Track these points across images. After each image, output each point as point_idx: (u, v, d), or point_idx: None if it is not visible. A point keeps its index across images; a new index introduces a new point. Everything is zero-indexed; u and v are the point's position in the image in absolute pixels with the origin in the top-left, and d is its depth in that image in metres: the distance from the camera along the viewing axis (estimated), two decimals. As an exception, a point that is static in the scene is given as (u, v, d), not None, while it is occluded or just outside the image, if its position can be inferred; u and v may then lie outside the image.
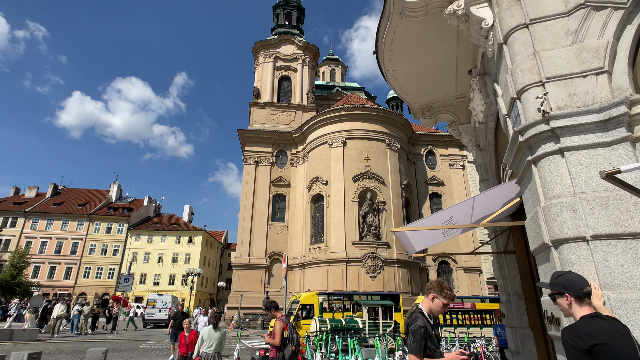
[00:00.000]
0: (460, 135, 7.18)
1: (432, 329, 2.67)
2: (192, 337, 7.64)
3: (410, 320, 2.68)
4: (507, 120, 3.76)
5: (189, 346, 7.43)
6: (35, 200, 48.25)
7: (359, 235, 27.70)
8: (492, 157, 5.99)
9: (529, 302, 5.12)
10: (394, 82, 6.71)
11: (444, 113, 7.20)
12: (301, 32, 43.19)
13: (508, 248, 5.61)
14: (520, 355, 5.02)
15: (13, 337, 13.29)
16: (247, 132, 34.46)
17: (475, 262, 32.39)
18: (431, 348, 2.59)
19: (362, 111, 31.60)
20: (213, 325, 6.38)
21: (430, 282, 2.81)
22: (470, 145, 6.94)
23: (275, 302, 5.45)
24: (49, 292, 40.80)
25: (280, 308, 5.59)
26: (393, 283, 26.34)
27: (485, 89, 4.93)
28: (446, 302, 2.69)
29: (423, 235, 5.00)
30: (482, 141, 6.12)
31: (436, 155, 36.46)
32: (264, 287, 29.61)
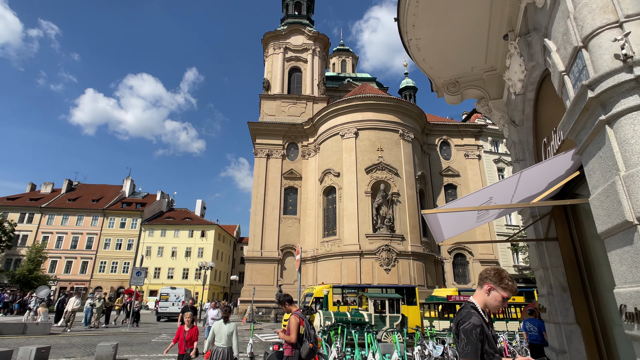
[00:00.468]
0: (490, 113, 6.54)
1: (488, 329, 2.13)
2: (192, 333, 6.88)
3: (462, 318, 2.15)
4: (564, 79, 3.14)
5: (188, 343, 6.69)
6: (50, 196, 49.11)
7: (373, 227, 27.14)
8: (530, 134, 5.35)
9: (576, 295, 4.52)
10: (416, 54, 6.08)
11: (472, 88, 6.55)
12: (311, 22, 42.36)
13: (549, 235, 5.00)
14: (567, 354, 4.44)
15: (26, 330, 13.26)
16: (257, 125, 34.06)
17: (492, 254, 31.55)
18: (489, 352, 2.06)
19: (375, 101, 30.82)
20: (223, 319, 6.10)
21: (485, 270, 2.27)
22: (502, 122, 6.29)
23: (290, 295, 4.97)
24: (66, 286, 41.62)
25: (295, 302, 5.12)
26: (408, 276, 25.75)
27: (529, 51, 4.29)
28: (507, 295, 2.14)
29: (455, 220, 4.44)
30: (517, 116, 5.48)
31: (451, 146, 35.45)
32: (276, 280, 29.39)
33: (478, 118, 39.41)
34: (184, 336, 6.72)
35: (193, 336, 6.74)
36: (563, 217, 4.87)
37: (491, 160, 35.66)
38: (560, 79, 3.21)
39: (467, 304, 2.25)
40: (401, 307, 18.44)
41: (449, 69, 6.43)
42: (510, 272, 31.06)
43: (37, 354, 8.41)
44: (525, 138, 5.44)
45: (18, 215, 44.98)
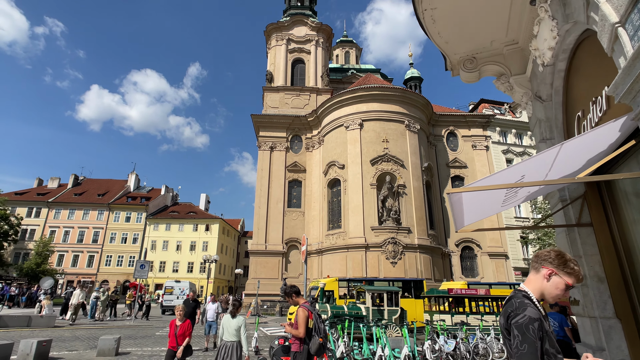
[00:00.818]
0: (511, 90, 6.05)
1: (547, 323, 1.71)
2: (184, 327, 6.33)
3: (513, 310, 1.73)
4: (618, 31, 2.68)
5: (180, 338, 6.18)
6: (57, 191, 49.29)
7: (378, 220, 26.72)
8: (559, 109, 4.87)
9: (615, 286, 4.08)
10: (431, 26, 5.60)
11: (491, 64, 6.07)
12: (314, 13, 41.61)
13: (582, 220, 4.55)
14: (605, 351, 4.01)
15: (31, 323, 13.09)
16: (260, 117, 33.63)
17: (501, 247, 31.01)
18: (550, 352, 1.65)
19: (380, 91, 30.21)
20: (231, 314, 6.11)
21: (543, 251, 1.84)
22: (524, 100, 5.80)
23: (296, 286, 4.58)
24: (73, 279, 41.87)
25: (302, 293, 4.73)
26: (415, 269, 25.36)
27: (564, 11, 3.81)
28: (572, 281, 1.72)
29: (480, 203, 4.00)
30: (544, 91, 5.00)
31: (458, 137, 34.78)
32: (281, 273, 29.17)
33: (486, 108, 38.64)
34: (175, 331, 6.27)
35: (186, 331, 6.27)
36: (598, 201, 4.42)
37: (499, 151, 34.97)
38: (612, 33, 2.75)
39: (517, 293, 1.83)
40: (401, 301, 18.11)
41: (466, 43, 5.94)
42: (519, 266, 30.72)
43: (39, 347, 8.18)
44: (554, 114, 4.96)
45: (26, 209, 45.28)
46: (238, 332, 5.98)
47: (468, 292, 16.32)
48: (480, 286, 20.89)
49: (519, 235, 32.11)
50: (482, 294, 16.36)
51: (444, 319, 14.64)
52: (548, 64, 4.55)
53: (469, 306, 16.05)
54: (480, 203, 4.00)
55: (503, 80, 6.06)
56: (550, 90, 4.89)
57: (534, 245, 30.33)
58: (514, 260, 31.15)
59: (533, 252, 30.87)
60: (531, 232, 30.30)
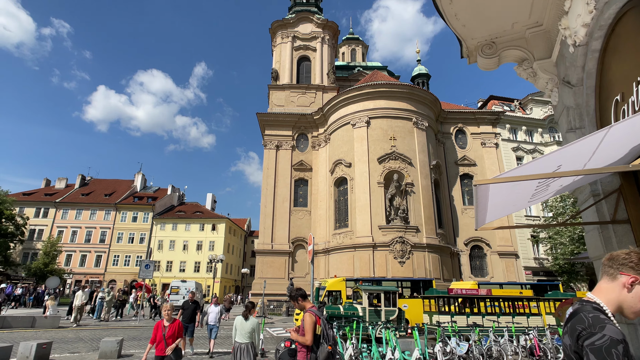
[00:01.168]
0: (534, 76, 5.62)
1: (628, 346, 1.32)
2: (174, 329, 5.55)
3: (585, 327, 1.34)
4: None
5: (170, 341, 5.42)
6: (64, 191, 49.63)
7: (386, 219, 26.27)
8: (591, 94, 4.43)
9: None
10: (447, 8, 5.20)
11: (511, 49, 5.64)
12: (320, 10, 41.20)
13: (618, 217, 4.12)
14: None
15: (35, 324, 12.93)
16: (266, 116, 33.35)
17: (511, 246, 30.36)
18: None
19: (387, 88, 29.72)
20: (244, 316, 6.19)
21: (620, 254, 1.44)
22: (549, 86, 5.37)
23: (303, 289, 4.21)
24: (81, 279, 42.13)
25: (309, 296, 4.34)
26: (423, 268, 24.87)
27: (603, -19, 3.37)
28: None
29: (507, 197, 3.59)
30: (574, 75, 4.56)
31: (467, 134, 34.15)
32: (287, 273, 28.87)
33: (495, 105, 37.92)
34: (163, 333, 5.45)
35: (175, 333, 5.54)
36: (636, 195, 3.99)
37: (509, 148, 34.25)
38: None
39: (585, 305, 1.44)
40: (405, 301, 17.64)
41: (485, 26, 5.52)
42: (530, 265, 30.04)
43: (38, 350, 7.94)
44: (584, 100, 4.53)
45: (34, 210, 45.66)
46: (251, 334, 6.05)
47: (469, 292, 15.80)
48: (491, 286, 20.36)
49: (529, 234, 31.41)
50: (483, 294, 15.82)
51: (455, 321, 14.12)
52: (580, 44, 4.12)
53: (469, 307, 15.49)
54: (506, 197, 3.59)
55: (525, 66, 5.63)
56: (581, 74, 4.45)
57: (545, 244, 29.61)
58: (524, 259, 30.48)
59: (544, 251, 30.13)
60: (542, 230, 29.60)
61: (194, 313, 9.45)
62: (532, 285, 21.22)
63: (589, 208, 4.62)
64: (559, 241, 26.51)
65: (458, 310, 15.26)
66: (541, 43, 5.34)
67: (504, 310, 15.56)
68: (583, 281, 28.02)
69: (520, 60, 5.72)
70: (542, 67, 5.36)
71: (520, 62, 5.71)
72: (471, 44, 5.87)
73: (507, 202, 3.80)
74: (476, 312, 15.23)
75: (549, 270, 29.33)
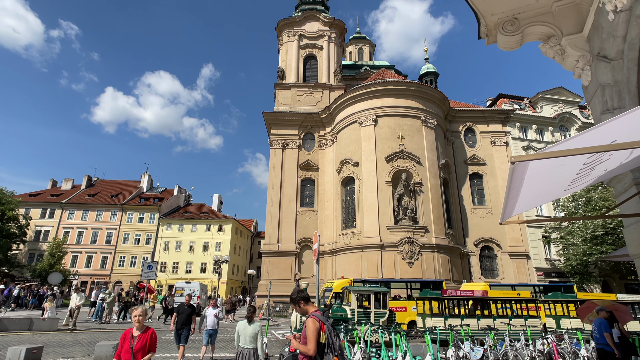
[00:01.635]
0: (561, 54, 5.08)
1: None
2: (144, 340, 4.34)
3: None
4: None
5: (138, 355, 4.23)
6: (71, 192, 49.78)
7: (394, 219, 25.67)
8: (634, 68, 3.90)
9: None
10: (466, -22, 4.72)
11: (536, 25, 5.13)
12: (326, 9, 40.82)
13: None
14: None
15: (32, 326, 12.62)
16: (272, 115, 33.00)
17: (522, 246, 29.53)
18: None
19: (395, 86, 29.18)
20: (247, 319, 5.98)
21: None
22: (580, 64, 4.83)
23: (305, 292, 3.71)
24: (87, 280, 42.09)
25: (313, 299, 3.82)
26: (432, 270, 24.23)
27: None
28: None
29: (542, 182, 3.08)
30: (613, 47, 4.03)
31: (476, 133, 33.40)
32: (294, 274, 28.41)
33: (505, 103, 37.05)
34: (130, 345, 4.26)
35: (146, 345, 4.35)
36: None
37: (520, 147, 33.40)
38: None
39: None
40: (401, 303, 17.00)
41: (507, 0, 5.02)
42: (541, 266, 29.15)
43: (27, 355, 7.55)
44: (625, 76, 3.99)
45: (40, 211, 45.77)
46: (255, 339, 5.86)
47: (464, 293, 15.11)
48: (503, 288, 19.65)
49: (540, 234, 30.53)
50: (479, 295, 15.10)
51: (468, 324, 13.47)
52: (623, 9, 3.59)
53: (465, 309, 14.75)
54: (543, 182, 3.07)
55: (552, 43, 5.09)
56: (621, 45, 3.92)
57: (557, 244, 28.73)
58: (535, 260, 29.61)
59: (556, 252, 29.21)
60: (554, 230, 28.72)
61: (189, 318, 8.62)
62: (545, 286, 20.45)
63: (630, 199, 4.07)
64: (571, 241, 25.66)
65: (450, 312, 14.56)
66: (570, 17, 4.82)
67: (501, 313, 14.90)
68: (596, 282, 27.10)
69: (546, 38, 5.20)
70: (572, 42, 4.82)
71: (546, 39, 5.18)
72: (491, 21, 5.36)
73: (543, 188, 3.29)
74: (470, 315, 14.53)
75: (561, 272, 28.43)
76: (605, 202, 24.22)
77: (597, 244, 23.80)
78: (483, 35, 5.75)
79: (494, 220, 30.03)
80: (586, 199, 25.56)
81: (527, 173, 2.56)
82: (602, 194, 24.83)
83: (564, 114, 35.64)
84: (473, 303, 15.18)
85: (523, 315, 14.87)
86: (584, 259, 24.25)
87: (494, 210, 30.30)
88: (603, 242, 23.79)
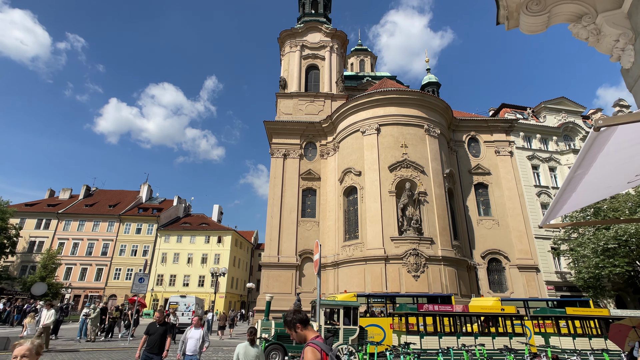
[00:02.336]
0: (596, 35, 4.44)
1: None
2: None
3: None
4: None
5: None
6: (68, 202, 49.02)
7: (398, 230, 24.86)
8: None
9: None
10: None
11: (566, 3, 4.50)
12: (328, 21, 40.91)
13: None
14: None
15: (8, 345, 11.70)
16: (273, 124, 32.54)
17: (531, 259, 28.55)
18: None
19: (397, 95, 28.76)
20: (250, 342, 5.72)
21: None
22: (621, 44, 4.19)
23: (302, 312, 2.95)
24: (80, 294, 40.94)
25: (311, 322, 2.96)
26: (439, 283, 23.27)
27: None
28: None
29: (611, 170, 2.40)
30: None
31: (480, 142, 32.84)
32: (294, 287, 27.42)
33: (507, 113, 36.59)
34: None
35: None
36: None
37: (524, 157, 32.76)
38: None
39: None
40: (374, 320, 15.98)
41: (534, -27, 4.44)
42: (552, 280, 28.09)
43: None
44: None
45: (35, 221, 44.87)
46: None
47: (442, 308, 14.06)
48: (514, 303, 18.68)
49: (549, 246, 29.57)
50: (459, 310, 14.04)
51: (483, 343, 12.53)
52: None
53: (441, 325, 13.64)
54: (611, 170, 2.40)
55: (585, 22, 4.45)
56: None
57: (567, 257, 27.76)
58: (545, 273, 28.57)
59: (567, 264, 28.21)
60: (563, 242, 27.80)
61: (162, 340, 6.89)
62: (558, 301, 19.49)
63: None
64: (582, 253, 24.71)
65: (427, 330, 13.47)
66: (608, -10, 4.21)
67: (484, 330, 13.91)
68: (610, 297, 26.03)
69: (577, 17, 4.58)
70: (610, 20, 4.19)
71: (577, 19, 4.56)
72: (512, 2, 4.76)
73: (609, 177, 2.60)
74: (450, 332, 13.48)
75: (573, 285, 27.37)
76: (615, 212, 23.42)
77: (610, 256, 22.89)
78: (502, 20, 5.16)
79: (501, 232, 29.17)
80: (595, 209, 24.76)
81: (604, 149, 1.90)
82: (612, 204, 24.04)
83: (568, 123, 35.13)
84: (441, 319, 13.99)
85: (507, 333, 13.87)
86: (597, 272, 23.26)
87: (500, 221, 29.46)
88: (615, 254, 22.89)
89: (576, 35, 4.70)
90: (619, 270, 22.13)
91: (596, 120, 1.70)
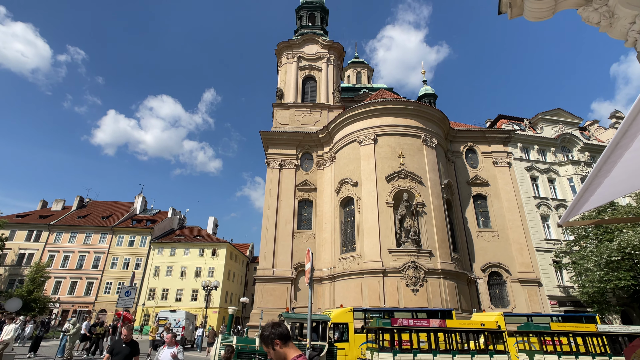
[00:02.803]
0: (609, 18, 4.07)
1: None
2: None
3: None
4: None
5: None
6: (60, 214, 48.02)
7: (396, 242, 24.24)
8: None
9: None
10: None
11: (577, -16, 4.15)
12: (325, 33, 41.21)
13: None
14: None
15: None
16: (270, 134, 32.22)
17: (532, 272, 27.85)
18: None
19: (394, 105, 28.57)
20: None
21: None
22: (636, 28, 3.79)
23: (282, 326, 2.47)
24: (69, 308, 39.56)
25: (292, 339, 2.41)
26: (439, 297, 22.52)
27: None
28: None
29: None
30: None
31: (477, 153, 32.56)
32: (289, 302, 26.55)
33: (505, 124, 36.48)
34: None
35: None
36: None
37: (522, 167, 32.45)
38: None
39: None
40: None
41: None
42: (554, 294, 27.34)
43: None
44: None
45: (26, 232, 43.68)
46: None
47: (417, 323, 13.26)
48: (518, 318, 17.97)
49: (550, 259, 28.93)
50: (435, 326, 13.21)
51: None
52: None
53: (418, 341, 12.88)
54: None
55: (596, 5, 4.09)
56: None
57: (570, 270, 27.11)
58: (547, 287, 27.83)
59: (570, 277, 27.53)
60: (564, 255, 27.20)
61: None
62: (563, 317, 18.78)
63: None
64: (585, 267, 24.08)
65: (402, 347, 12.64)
66: (624, -32, 3.84)
67: (464, 347, 13.13)
68: (615, 312, 25.26)
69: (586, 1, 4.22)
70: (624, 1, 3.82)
71: (587, 1, 4.20)
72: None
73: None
74: (426, 349, 12.61)
75: (577, 300, 26.62)
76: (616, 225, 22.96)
77: (614, 269, 22.28)
78: (504, 8, 4.81)
79: (501, 244, 28.57)
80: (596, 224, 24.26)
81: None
82: (614, 215, 23.60)
83: (565, 134, 35.02)
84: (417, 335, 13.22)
85: (488, 351, 13.05)
86: (601, 286, 22.60)
87: (500, 233, 28.90)
88: (619, 267, 22.31)
89: (586, 19, 4.31)
90: (624, 283, 21.50)
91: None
